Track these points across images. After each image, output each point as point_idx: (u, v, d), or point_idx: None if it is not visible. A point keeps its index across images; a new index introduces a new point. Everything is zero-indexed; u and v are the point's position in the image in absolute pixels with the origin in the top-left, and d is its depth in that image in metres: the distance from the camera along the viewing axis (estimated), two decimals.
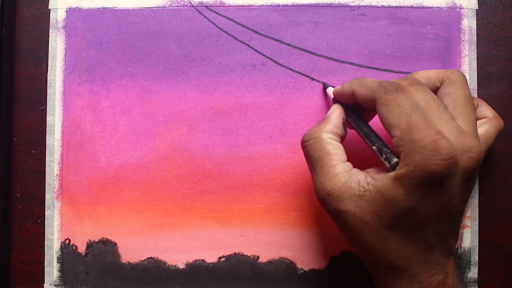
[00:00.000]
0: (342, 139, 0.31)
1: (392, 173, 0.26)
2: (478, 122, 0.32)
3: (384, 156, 0.27)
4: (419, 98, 0.26)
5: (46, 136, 0.36)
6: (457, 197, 0.26)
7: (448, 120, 0.26)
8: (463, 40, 0.36)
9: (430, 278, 0.27)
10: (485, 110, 0.33)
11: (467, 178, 0.26)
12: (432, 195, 0.25)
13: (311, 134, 0.30)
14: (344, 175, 0.28)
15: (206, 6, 0.36)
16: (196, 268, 0.36)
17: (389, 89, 0.26)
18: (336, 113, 0.31)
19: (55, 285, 0.36)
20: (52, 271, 0.36)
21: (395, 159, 0.26)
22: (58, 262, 0.36)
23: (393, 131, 0.26)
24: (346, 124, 0.31)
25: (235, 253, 0.36)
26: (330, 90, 0.34)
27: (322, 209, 0.29)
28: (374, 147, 0.28)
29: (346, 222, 0.28)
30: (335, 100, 0.32)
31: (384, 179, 0.26)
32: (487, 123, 0.32)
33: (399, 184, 0.25)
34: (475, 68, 0.36)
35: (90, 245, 0.36)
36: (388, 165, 0.27)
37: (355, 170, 0.28)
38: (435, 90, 0.30)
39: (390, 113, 0.26)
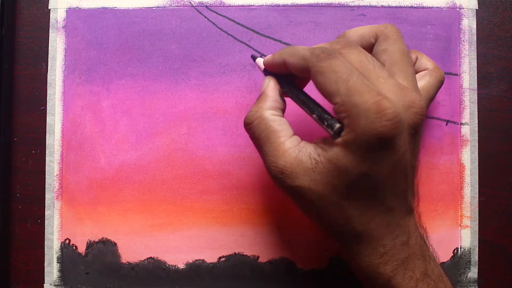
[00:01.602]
0: (284, 111, 0.30)
1: (340, 141, 0.25)
2: (419, 74, 0.32)
3: (326, 123, 0.26)
4: (353, 60, 0.26)
5: (46, 136, 0.36)
6: (407, 154, 0.26)
7: (386, 78, 0.26)
8: (463, 40, 0.36)
9: (394, 241, 0.27)
10: (425, 62, 0.32)
11: (414, 133, 0.26)
12: (384, 157, 0.25)
13: (252, 115, 0.29)
14: (294, 150, 0.27)
15: (206, 6, 0.36)
16: (196, 268, 0.36)
17: (322, 56, 0.26)
18: (271, 86, 0.30)
19: (55, 285, 0.36)
20: (52, 271, 0.36)
21: (338, 125, 0.26)
22: (58, 262, 0.36)
23: (333, 98, 0.25)
24: (283, 94, 0.30)
25: (235, 253, 0.36)
26: (260, 61, 0.32)
27: None
28: (314, 115, 0.27)
29: (303, 198, 0.27)
30: (267, 72, 0.31)
31: (334, 149, 0.25)
32: (428, 75, 0.32)
33: (349, 151, 0.25)
34: (475, 68, 0.36)
35: (90, 245, 0.36)
36: (331, 132, 0.26)
37: (304, 143, 0.28)
38: (370, 47, 0.29)
39: (327, 80, 0.25)
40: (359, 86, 0.24)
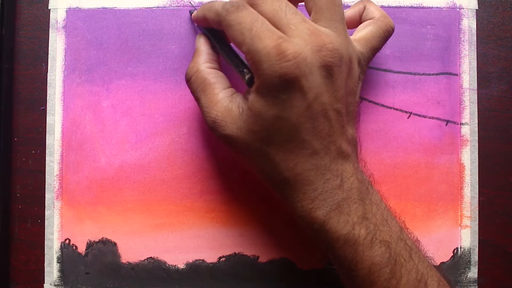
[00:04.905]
0: (220, 64, 0.31)
1: (253, 88, 0.26)
2: (363, 24, 0.32)
3: (240, 74, 0.28)
4: (267, 10, 0.26)
5: (46, 136, 0.36)
6: (324, 96, 0.26)
7: (298, 24, 0.26)
8: (463, 40, 0.36)
9: (324, 184, 0.27)
10: (372, 11, 0.32)
11: (328, 76, 0.26)
12: (293, 98, 0.26)
13: (190, 71, 0.30)
14: (225, 100, 0.28)
15: None
16: (196, 268, 0.36)
17: (230, 10, 0.26)
18: (202, 41, 0.31)
19: (55, 285, 0.36)
20: (52, 271, 0.36)
21: (248, 74, 0.27)
22: (58, 262, 0.36)
23: (241, 48, 0.26)
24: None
25: (235, 253, 0.36)
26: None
27: None
28: (233, 67, 0.29)
29: (233, 146, 0.28)
30: (199, 27, 0.32)
31: (251, 96, 0.27)
32: (372, 24, 0.31)
33: (260, 97, 0.26)
34: (475, 68, 0.36)
35: (90, 245, 0.36)
36: (245, 81, 0.27)
37: (237, 94, 0.29)
38: None
39: (233, 32, 0.26)
40: (262, 32, 0.25)
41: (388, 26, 0.32)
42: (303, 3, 0.30)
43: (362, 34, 0.31)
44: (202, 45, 0.31)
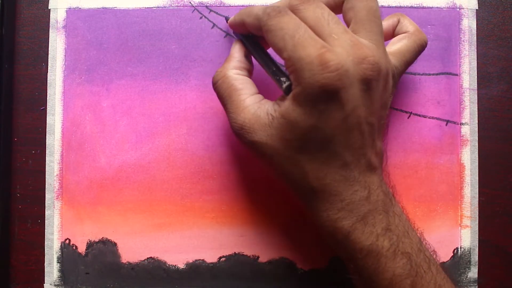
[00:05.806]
0: (250, 72, 0.31)
1: (290, 95, 0.26)
2: (398, 37, 0.32)
3: (277, 80, 0.27)
4: (309, 16, 0.26)
5: (46, 136, 0.36)
6: (360, 109, 0.26)
7: (340, 34, 0.26)
8: (463, 40, 0.36)
9: (352, 196, 0.27)
10: (406, 25, 0.32)
11: (367, 89, 0.26)
12: (331, 109, 0.25)
13: (217, 75, 0.30)
14: (253, 107, 0.28)
15: (206, 6, 0.36)
16: (196, 268, 0.36)
17: (272, 15, 0.26)
18: (237, 48, 0.31)
19: (55, 285, 0.36)
20: (52, 271, 0.36)
21: (286, 82, 0.26)
22: (58, 262, 0.36)
23: (282, 54, 0.26)
24: (250, 56, 0.31)
25: (235, 253, 0.36)
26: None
27: None
28: (269, 74, 0.28)
29: (261, 153, 0.28)
30: (236, 33, 0.32)
31: (286, 103, 0.26)
32: (406, 37, 0.31)
33: (297, 105, 0.26)
34: (475, 68, 0.36)
35: (90, 245, 0.36)
36: (282, 88, 0.27)
37: (265, 101, 0.29)
38: (341, 5, 0.29)
39: (275, 37, 0.26)
40: (305, 40, 0.25)
41: (422, 41, 0.32)
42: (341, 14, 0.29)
43: (396, 47, 0.31)
44: (236, 51, 0.31)
